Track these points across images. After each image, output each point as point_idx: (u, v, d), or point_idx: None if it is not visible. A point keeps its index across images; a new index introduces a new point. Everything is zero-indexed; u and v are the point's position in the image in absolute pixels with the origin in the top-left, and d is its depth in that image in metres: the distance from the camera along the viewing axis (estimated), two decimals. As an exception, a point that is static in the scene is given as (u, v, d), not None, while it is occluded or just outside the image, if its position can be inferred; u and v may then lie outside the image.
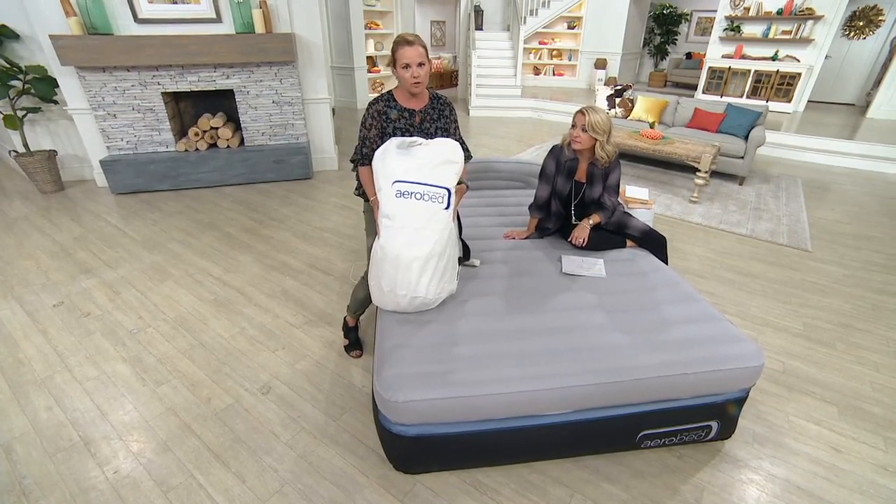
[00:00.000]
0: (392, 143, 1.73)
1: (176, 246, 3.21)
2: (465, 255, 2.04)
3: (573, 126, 2.15)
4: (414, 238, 1.65)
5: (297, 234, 3.40)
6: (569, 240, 2.28)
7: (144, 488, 1.56)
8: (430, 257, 1.66)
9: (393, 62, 1.76)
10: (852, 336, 2.40)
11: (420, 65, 1.73)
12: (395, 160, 1.69)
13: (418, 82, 1.75)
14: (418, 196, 1.66)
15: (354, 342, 2.21)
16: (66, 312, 2.48)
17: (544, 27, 9.15)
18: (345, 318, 2.23)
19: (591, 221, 2.26)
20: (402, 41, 1.72)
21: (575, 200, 2.32)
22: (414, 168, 1.68)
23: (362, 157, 1.87)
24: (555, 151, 2.30)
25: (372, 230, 2.04)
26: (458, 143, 1.81)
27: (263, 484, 1.58)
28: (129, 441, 1.74)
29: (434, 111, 1.94)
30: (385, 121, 1.85)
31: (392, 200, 1.67)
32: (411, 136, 1.93)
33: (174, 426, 1.81)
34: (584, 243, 2.21)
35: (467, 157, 2.11)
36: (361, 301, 2.10)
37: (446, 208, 1.70)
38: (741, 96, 7.49)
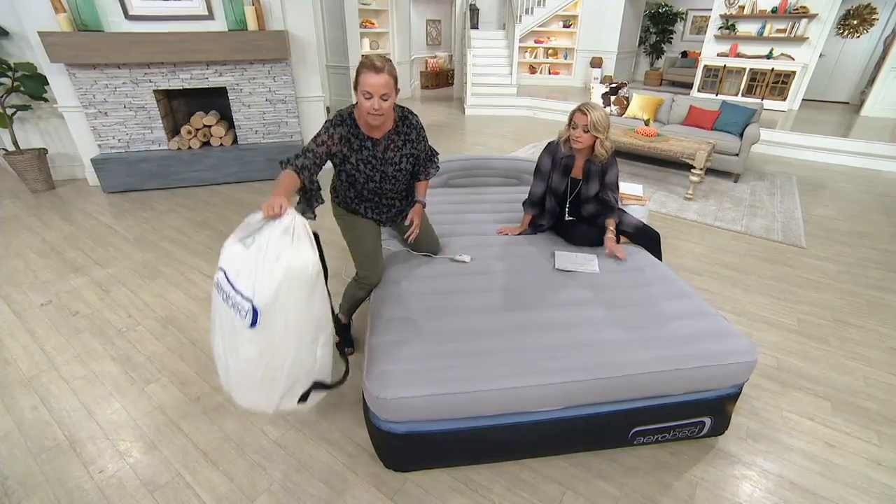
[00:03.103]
0: (239, 229, 1.36)
1: (168, 244, 3.18)
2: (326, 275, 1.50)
3: (573, 126, 2.09)
4: (224, 345, 1.33)
5: (290, 232, 3.37)
6: (607, 253, 2.15)
7: (130, 488, 1.53)
8: (240, 374, 1.34)
9: (355, 85, 1.54)
10: (846, 332, 2.40)
11: (383, 97, 1.52)
12: (231, 246, 1.32)
13: (379, 115, 1.56)
14: (225, 297, 1.28)
15: (346, 340, 2.19)
16: (55, 311, 2.45)
17: (540, 26, 9.15)
18: (337, 317, 2.20)
19: (611, 229, 2.18)
20: (368, 65, 1.50)
21: (570, 197, 2.30)
22: (238, 263, 1.27)
23: (292, 161, 1.61)
24: (550, 148, 2.26)
25: (364, 248, 1.95)
26: (308, 251, 1.32)
27: (252, 482, 1.55)
28: (116, 440, 1.71)
29: (399, 137, 1.77)
30: (347, 149, 1.69)
31: (212, 291, 1.36)
32: (374, 168, 1.77)
33: (162, 425, 1.78)
34: (622, 254, 2.14)
35: (433, 171, 2.01)
36: (354, 300, 2.09)
37: (251, 326, 1.23)
38: (736, 94, 7.50)
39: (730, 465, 1.65)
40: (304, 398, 1.41)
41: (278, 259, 1.23)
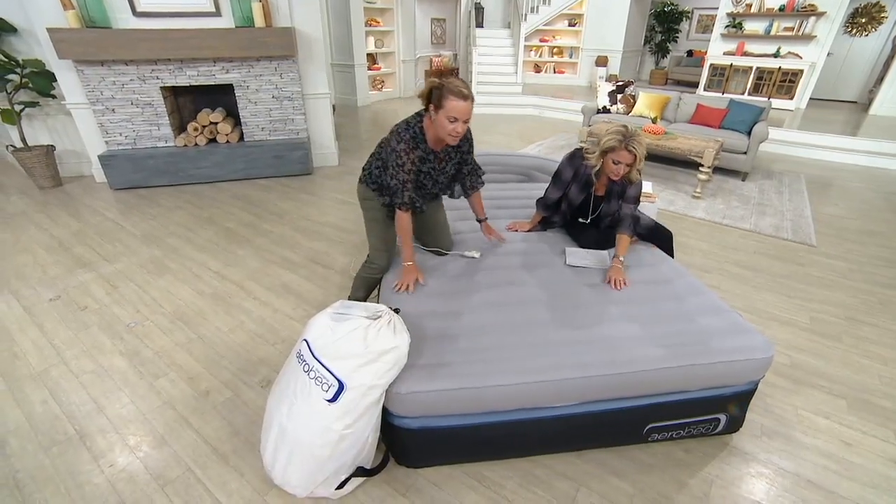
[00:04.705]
0: (332, 308, 1.47)
1: (174, 240, 3.17)
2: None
3: (615, 162, 1.90)
4: (290, 411, 1.40)
5: (297, 228, 3.37)
6: (607, 282, 1.90)
7: (141, 482, 1.53)
8: (296, 443, 1.39)
9: (437, 105, 1.59)
10: (859, 330, 2.37)
11: (466, 121, 1.62)
12: (319, 318, 1.45)
13: (457, 137, 1.65)
14: (307, 368, 1.39)
15: None
16: (63, 306, 2.45)
17: (545, 24, 9.12)
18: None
19: (622, 258, 1.97)
20: (457, 93, 1.56)
21: (592, 214, 2.20)
22: (325, 338, 1.38)
23: (404, 202, 1.74)
24: (574, 161, 2.12)
25: (379, 234, 1.98)
26: (405, 342, 1.41)
27: (262, 478, 1.54)
28: (126, 435, 1.70)
29: (454, 149, 1.87)
30: (420, 164, 1.78)
31: (291, 359, 1.48)
32: (430, 177, 1.85)
33: (171, 420, 1.77)
34: (625, 283, 1.89)
35: (479, 185, 2.08)
36: (366, 288, 2.15)
37: (331, 400, 1.33)
38: (743, 93, 7.46)
39: (745, 462, 1.63)
40: (341, 485, 1.45)
41: (388, 348, 1.34)
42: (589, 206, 2.19)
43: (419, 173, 1.80)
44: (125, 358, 2.09)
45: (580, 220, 2.29)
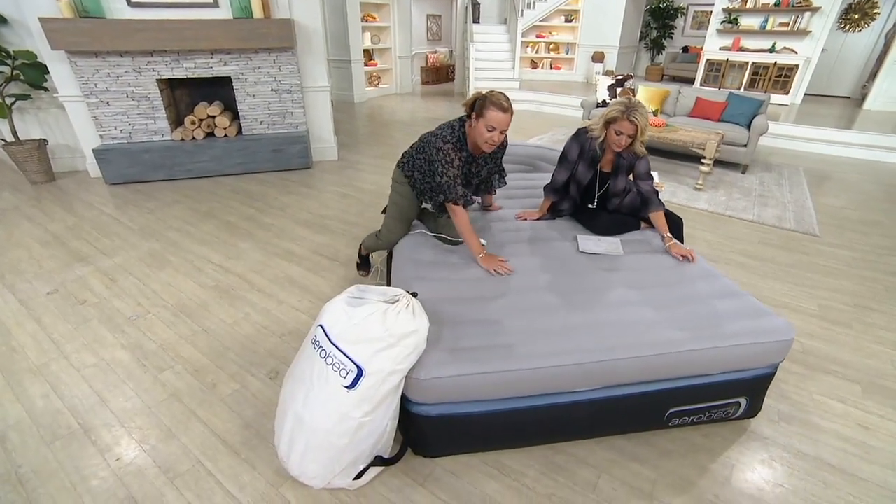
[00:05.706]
0: (348, 293, 1.43)
1: (174, 234, 3.11)
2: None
3: (617, 133, 1.94)
4: (307, 399, 1.36)
5: (299, 221, 3.31)
6: (679, 259, 1.96)
7: (149, 475, 1.48)
8: (313, 433, 1.34)
9: (478, 114, 1.72)
10: (868, 317, 2.37)
11: (503, 132, 1.73)
12: (335, 303, 1.40)
13: (493, 146, 1.77)
14: (324, 354, 1.34)
15: (364, 263, 2.52)
16: (61, 300, 2.38)
17: (541, 20, 9.11)
18: (360, 245, 2.47)
19: (668, 234, 2.06)
20: (497, 105, 1.69)
21: (599, 191, 2.19)
22: (342, 324, 1.33)
23: (461, 197, 1.84)
24: (580, 137, 2.12)
25: (397, 215, 2.09)
26: (424, 326, 1.36)
27: (276, 470, 1.50)
28: (132, 428, 1.65)
29: (490, 155, 1.98)
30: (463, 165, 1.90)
31: (306, 345, 1.44)
32: (468, 180, 1.98)
33: (178, 412, 1.72)
34: (693, 256, 1.96)
35: (503, 182, 2.22)
36: (375, 246, 2.30)
37: (349, 387, 1.29)
38: (739, 89, 7.49)
39: (764, 447, 1.61)
40: (359, 475, 1.41)
41: (408, 331, 1.30)
42: (596, 185, 2.18)
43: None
44: (128, 351, 2.03)
45: (589, 205, 2.27)
